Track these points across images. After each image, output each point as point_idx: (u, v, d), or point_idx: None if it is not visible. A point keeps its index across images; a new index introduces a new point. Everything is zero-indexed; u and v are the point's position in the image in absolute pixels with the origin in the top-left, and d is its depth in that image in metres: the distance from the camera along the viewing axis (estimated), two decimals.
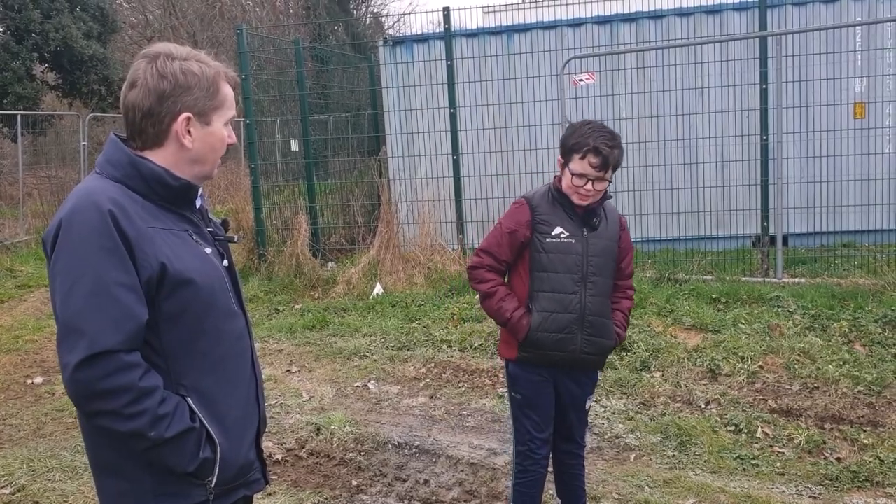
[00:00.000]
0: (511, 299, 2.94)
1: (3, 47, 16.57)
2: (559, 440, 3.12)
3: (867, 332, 5.56)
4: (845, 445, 4.12)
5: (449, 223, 8.54)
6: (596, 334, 2.91)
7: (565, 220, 2.89)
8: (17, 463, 4.30)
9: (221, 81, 1.79)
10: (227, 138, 1.83)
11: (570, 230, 2.88)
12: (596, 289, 2.89)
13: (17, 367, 6.21)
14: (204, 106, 1.75)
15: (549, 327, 2.87)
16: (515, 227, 2.94)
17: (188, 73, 1.73)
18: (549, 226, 2.88)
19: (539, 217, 2.90)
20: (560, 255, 2.87)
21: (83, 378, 1.57)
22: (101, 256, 1.59)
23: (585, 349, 2.90)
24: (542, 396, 2.99)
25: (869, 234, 8.28)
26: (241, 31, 8.74)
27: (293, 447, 4.42)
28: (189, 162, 1.77)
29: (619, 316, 3.03)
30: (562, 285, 2.87)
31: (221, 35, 17.93)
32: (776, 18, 8.50)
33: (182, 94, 1.72)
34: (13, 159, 13.87)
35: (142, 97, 1.71)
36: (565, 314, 2.86)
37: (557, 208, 2.91)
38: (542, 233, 2.89)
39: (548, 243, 2.88)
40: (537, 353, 2.91)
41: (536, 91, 8.70)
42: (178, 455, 1.66)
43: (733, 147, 8.34)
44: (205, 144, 1.78)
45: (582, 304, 2.87)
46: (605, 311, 2.94)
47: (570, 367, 2.95)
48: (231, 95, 1.82)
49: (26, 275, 9.53)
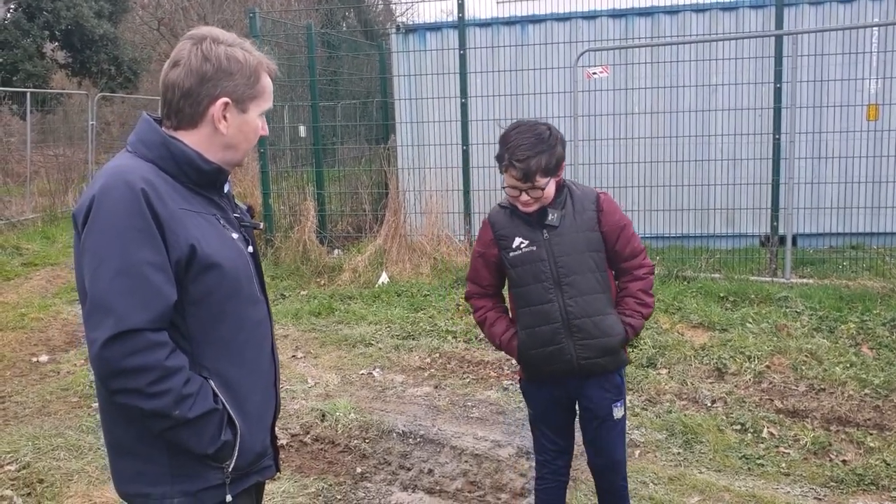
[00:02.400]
0: (500, 323, 2.84)
1: (14, 25, 16.54)
2: (591, 454, 2.95)
3: (875, 334, 5.54)
4: (851, 448, 4.10)
5: (456, 214, 8.52)
6: (589, 337, 2.69)
7: (522, 229, 2.73)
8: (23, 440, 4.32)
9: (263, 72, 1.79)
10: (259, 129, 1.83)
11: (529, 237, 2.71)
12: (573, 290, 2.68)
13: (22, 345, 6.22)
14: (243, 93, 1.75)
15: (535, 343, 2.73)
16: (483, 248, 2.84)
17: (232, 58, 1.73)
18: (508, 239, 2.75)
19: (499, 233, 2.78)
20: (526, 266, 2.71)
21: (109, 355, 1.56)
22: (132, 235, 1.58)
23: (583, 355, 2.69)
24: (551, 412, 2.89)
25: (878, 237, 8.24)
26: (253, 15, 8.70)
27: (298, 432, 4.43)
28: (221, 147, 1.77)
29: (629, 303, 2.76)
30: (536, 296, 2.70)
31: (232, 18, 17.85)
32: (792, 17, 8.42)
33: (224, 78, 1.72)
34: (21, 137, 13.87)
35: (183, 77, 1.71)
36: (547, 325, 2.70)
37: (514, 219, 2.76)
38: (504, 248, 2.75)
39: (512, 258, 2.74)
40: (537, 370, 2.79)
41: (548, 83, 8.65)
42: (200, 436, 1.65)
43: (745, 145, 8.30)
44: (239, 132, 1.78)
45: (562, 311, 2.68)
46: (594, 309, 2.70)
47: (577, 376, 2.76)
48: (270, 87, 1.83)
49: (32, 253, 9.54)
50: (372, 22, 19.02)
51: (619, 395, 2.83)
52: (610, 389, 2.80)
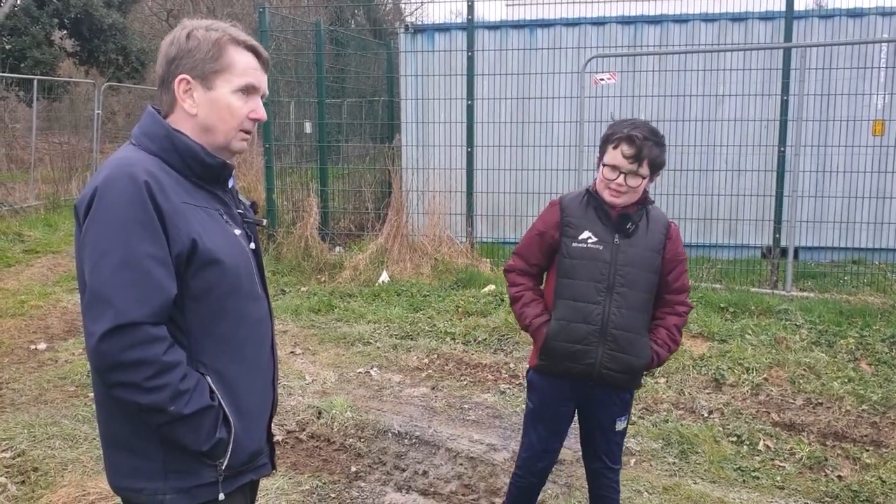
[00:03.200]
0: (535, 305, 2.81)
1: (24, 11, 16.55)
2: (587, 457, 2.96)
3: (874, 350, 5.54)
4: (847, 463, 4.10)
5: (459, 215, 8.52)
6: (620, 350, 2.67)
7: (595, 224, 2.68)
8: (18, 428, 4.31)
9: (229, 45, 1.72)
10: (241, 108, 1.74)
11: (600, 235, 2.67)
12: (623, 301, 2.65)
13: (21, 332, 6.22)
14: (204, 69, 1.70)
15: (566, 337, 2.69)
16: (544, 228, 2.78)
17: (192, 37, 1.71)
18: (576, 229, 2.70)
19: (568, 219, 2.72)
20: (585, 261, 2.67)
21: (107, 348, 1.55)
22: (134, 228, 1.57)
23: (607, 364, 2.68)
24: (553, 411, 2.86)
25: (880, 253, 8.24)
26: (263, 10, 8.70)
27: (294, 429, 4.42)
28: (199, 130, 1.73)
29: (661, 333, 2.75)
30: (584, 294, 2.67)
31: (241, 12, 17.87)
32: (801, 29, 8.42)
33: (184, 57, 1.71)
34: (27, 123, 13.86)
35: (158, 65, 1.75)
36: (584, 325, 2.67)
37: (589, 211, 2.71)
38: (569, 236, 2.70)
39: (573, 248, 2.69)
40: (555, 363, 2.76)
41: (555, 87, 8.65)
42: (195, 433, 1.64)
43: (750, 156, 8.30)
44: (210, 111, 1.72)
45: (604, 316, 2.66)
46: (634, 325, 2.68)
47: (591, 381, 2.74)
48: (243, 62, 1.73)
49: (34, 240, 9.54)
50: (381, 21, 19.03)
51: (624, 411, 2.85)
52: (618, 404, 2.82)
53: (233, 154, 1.81)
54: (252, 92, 1.76)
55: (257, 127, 1.86)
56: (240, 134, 1.77)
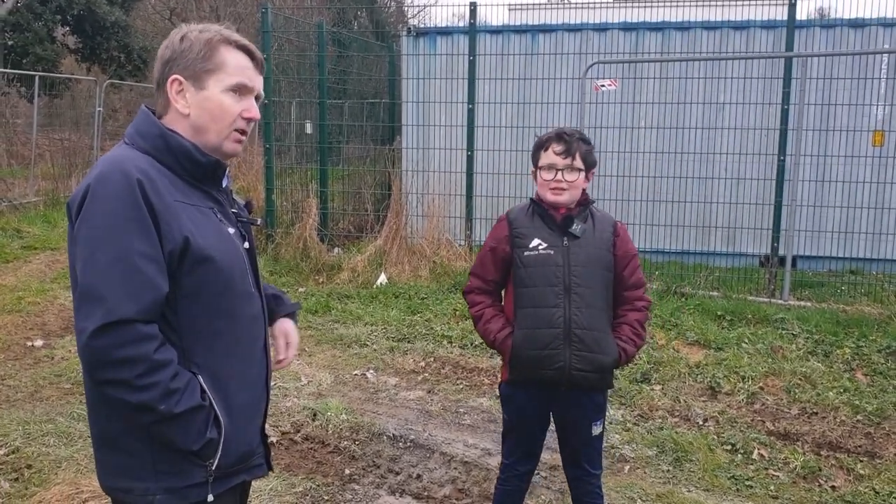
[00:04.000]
0: (497, 320, 2.84)
1: (26, 8, 16.57)
2: (567, 465, 2.98)
3: (870, 361, 5.55)
4: (841, 474, 4.10)
5: (458, 218, 8.53)
6: (587, 349, 2.69)
7: (543, 231, 2.76)
8: (13, 425, 4.31)
9: (221, 46, 1.73)
10: (233, 107, 1.73)
11: (549, 241, 2.74)
12: (582, 300, 2.69)
13: (17, 329, 6.22)
14: (195, 68, 1.71)
15: (531, 344, 2.71)
16: (495, 243, 2.84)
17: (185, 39, 1.73)
18: (526, 238, 2.76)
19: (516, 231, 2.79)
20: (539, 267, 2.72)
21: (98, 345, 1.55)
22: (126, 225, 1.57)
23: (576, 365, 2.69)
24: (526, 423, 2.90)
25: (878, 263, 8.24)
26: (265, 10, 8.71)
27: (288, 430, 4.42)
28: (191, 130, 1.73)
29: (625, 330, 2.79)
30: (543, 299, 2.71)
31: (245, 11, 17.88)
32: (803, 39, 8.44)
33: (177, 58, 1.72)
34: (28, 119, 13.87)
35: (155, 69, 1.77)
36: (548, 329, 2.70)
37: (536, 220, 2.79)
38: (520, 247, 2.76)
39: (526, 257, 2.74)
40: (525, 372, 2.77)
41: (556, 93, 8.66)
42: (185, 432, 1.64)
43: (749, 165, 8.30)
44: (202, 110, 1.72)
45: (566, 318, 2.68)
46: (596, 324, 2.72)
47: (563, 386, 2.75)
48: (234, 62, 1.73)
49: (33, 236, 9.54)
50: (383, 23, 19.04)
51: (599, 414, 2.86)
52: (591, 408, 2.83)
53: (226, 157, 1.80)
54: (245, 92, 1.76)
55: (258, 127, 1.85)
56: (233, 134, 1.76)
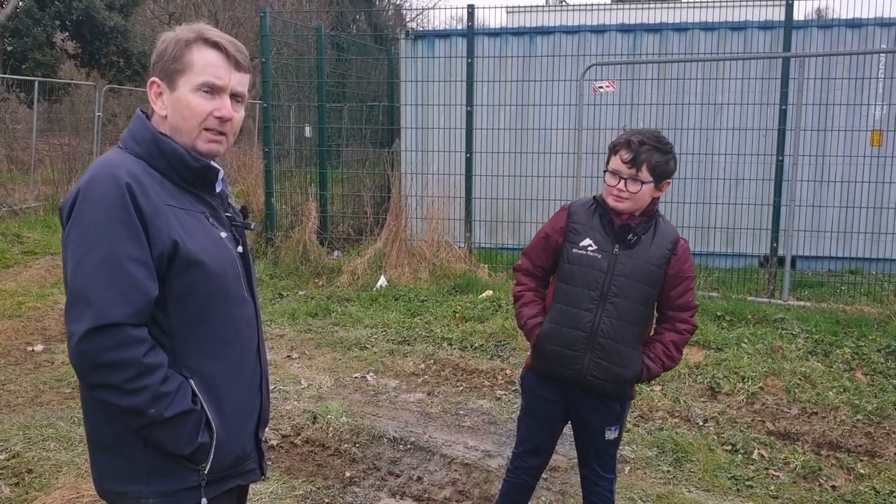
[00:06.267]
0: (533, 306, 2.86)
1: (25, 13, 16.59)
2: (579, 462, 2.99)
3: (869, 360, 5.55)
4: (841, 474, 4.10)
5: (457, 220, 8.53)
6: (607, 359, 2.69)
7: (597, 232, 2.71)
8: (14, 429, 4.31)
9: (192, 45, 1.70)
10: (201, 106, 1.70)
11: (600, 243, 2.70)
12: (615, 311, 2.67)
13: (18, 334, 6.22)
14: (167, 69, 1.71)
15: (556, 340, 2.75)
16: (550, 231, 2.83)
17: (164, 40, 1.74)
18: (579, 235, 2.73)
19: (573, 225, 2.76)
20: (582, 267, 2.70)
21: (87, 349, 1.55)
22: (116, 229, 1.58)
23: (593, 372, 2.71)
24: (542, 410, 2.91)
25: (877, 263, 8.25)
26: (264, 14, 8.72)
27: (288, 433, 4.42)
28: (172, 131, 1.73)
29: (656, 348, 2.76)
30: (577, 300, 2.71)
31: (243, 16, 17.92)
32: (800, 39, 8.45)
33: (156, 61, 1.74)
34: (27, 125, 13.88)
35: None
36: (573, 330, 2.71)
37: (595, 219, 2.74)
38: (570, 242, 2.75)
39: (573, 254, 2.73)
40: (545, 365, 2.82)
41: (555, 95, 8.67)
42: (176, 436, 1.64)
43: (748, 165, 8.32)
44: (174, 111, 1.71)
45: (594, 324, 2.68)
46: (624, 337, 2.69)
47: (579, 388, 2.78)
48: (203, 60, 1.70)
49: (33, 241, 9.55)
50: (382, 26, 19.07)
51: (615, 421, 2.85)
52: (606, 414, 2.82)
53: (206, 157, 1.76)
54: (217, 91, 1.71)
55: (257, 131, 1.85)
56: (204, 134, 1.72)
